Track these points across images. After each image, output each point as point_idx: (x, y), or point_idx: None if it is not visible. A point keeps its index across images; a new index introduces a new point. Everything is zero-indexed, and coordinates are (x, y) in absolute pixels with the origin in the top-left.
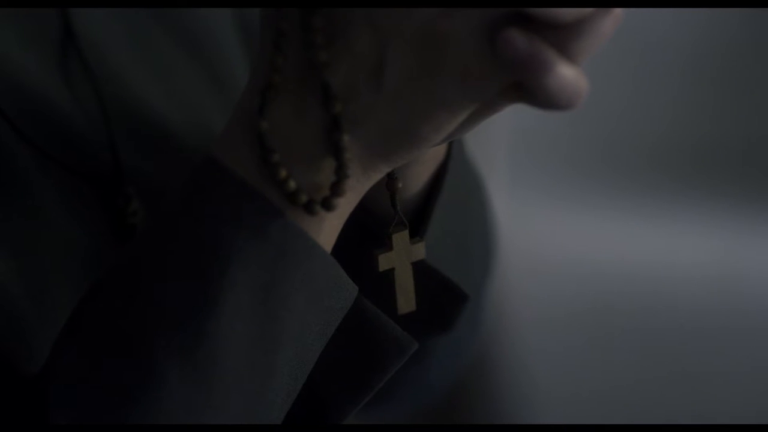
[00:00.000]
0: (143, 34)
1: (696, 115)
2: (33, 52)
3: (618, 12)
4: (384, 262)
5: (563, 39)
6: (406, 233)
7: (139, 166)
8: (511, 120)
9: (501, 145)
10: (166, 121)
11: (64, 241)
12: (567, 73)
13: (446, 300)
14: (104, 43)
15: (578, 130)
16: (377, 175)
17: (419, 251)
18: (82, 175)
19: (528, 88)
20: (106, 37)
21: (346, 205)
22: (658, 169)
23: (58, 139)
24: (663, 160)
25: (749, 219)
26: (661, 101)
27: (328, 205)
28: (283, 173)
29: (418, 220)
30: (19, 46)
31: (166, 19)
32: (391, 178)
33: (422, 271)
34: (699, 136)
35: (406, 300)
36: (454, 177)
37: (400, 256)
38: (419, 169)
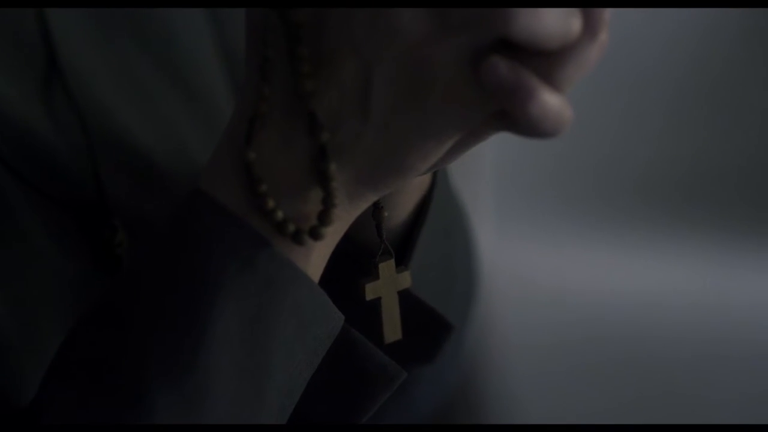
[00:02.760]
0: (126, 64)
1: (684, 146)
2: (17, 82)
3: (603, 39)
4: (371, 291)
5: (548, 67)
6: (392, 262)
7: (124, 196)
8: (495, 149)
9: (485, 174)
10: (150, 150)
11: (50, 272)
12: (551, 101)
13: (431, 330)
14: (88, 73)
15: (563, 160)
16: (364, 204)
17: (405, 280)
18: (67, 207)
19: (512, 115)
20: (90, 68)
21: (333, 234)
22: (644, 196)
23: (43, 170)
24: (649, 188)
25: (737, 249)
26: (648, 130)
27: (315, 234)
28: (271, 203)
29: (402, 249)
30: (2, 76)
31: (150, 48)
32: (377, 208)
33: (407, 300)
34: (685, 167)
35: (392, 329)
36: (438, 206)
37: (387, 285)
38: (404, 198)
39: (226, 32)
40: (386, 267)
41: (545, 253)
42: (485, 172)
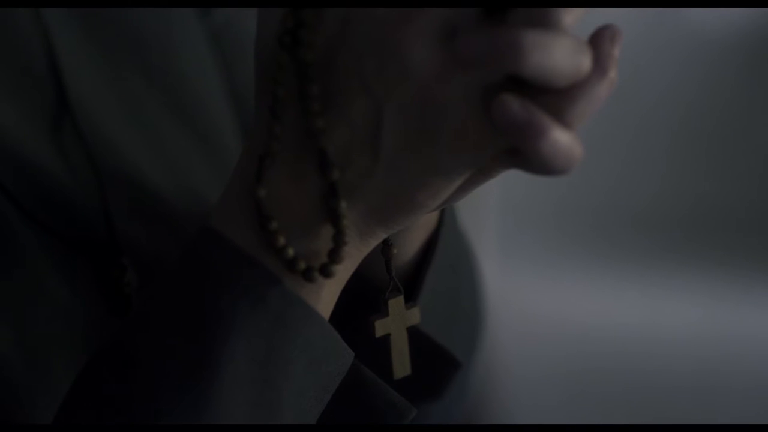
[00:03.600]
0: (135, 102)
1: (686, 183)
2: (27, 122)
3: (612, 77)
4: (380, 328)
5: (558, 104)
6: (401, 299)
7: (133, 234)
8: (501, 186)
9: (491, 212)
10: (159, 188)
11: (60, 311)
12: (561, 139)
13: (438, 366)
14: (98, 111)
15: (567, 197)
16: (374, 242)
17: (414, 316)
18: (77, 246)
19: (523, 153)
20: (99, 107)
21: (343, 271)
22: (646, 234)
23: (53, 209)
24: (651, 224)
25: (738, 284)
26: (651, 167)
27: (326, 271)
28: (282, 240)
29: (410, 285)
30: (13, 116)
31: (159, 87)
32: (386, 245)
33: (415, 336)
34: (687, 204)
35: (401, 365)
36: (446, 243)
37: (396, 321)
38: (412, 235)
39: (234, 72)
40: (395, 303)
41: (549, 289)
42: (490, 209)
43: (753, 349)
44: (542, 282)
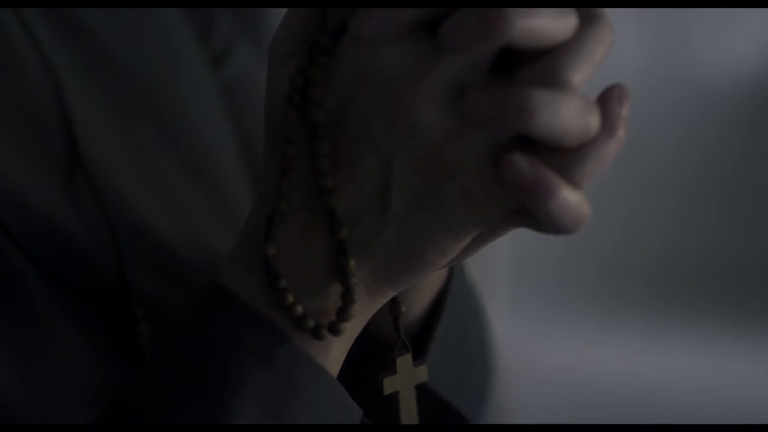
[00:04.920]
0: (147, 154)
1: (690, 238)
2: (39, 173)
3: (621, 136)
4: (389, 385)
5: (567, 163)
6: (409, 357)
7: (145, 285)
8: (511, 242)
9: (500, 267)
10: (170, 239)
11: (72, 362)
12: (570, 198)
13: (446, 423)
14: (109, 163)
15: (576, 252)
16: (383, 299)
17: (422, 374)
18: (90, 297)
19: (531, 212)
20: (111, 158)
21: (352, 329)
22: (653, 289)
23: (65, 260)
24: (657, 281)
25: (742, 338)
26: (657, 224)
27: (334, 329)
28: (290, 298)
29: (419, 342)
30: (24, 167)
31: (169, 138)
32: (394, 303)
33: (423, 393)
34: (692, 259)
35: (410, 422)
36: (455, 300)
37: (404, 379)
38: (421, 292)
39: (245, 125)
40: (403, 361)
41: (558, 343)
42: (500, 264)
43: (763, 402)
44: (551, 336)
